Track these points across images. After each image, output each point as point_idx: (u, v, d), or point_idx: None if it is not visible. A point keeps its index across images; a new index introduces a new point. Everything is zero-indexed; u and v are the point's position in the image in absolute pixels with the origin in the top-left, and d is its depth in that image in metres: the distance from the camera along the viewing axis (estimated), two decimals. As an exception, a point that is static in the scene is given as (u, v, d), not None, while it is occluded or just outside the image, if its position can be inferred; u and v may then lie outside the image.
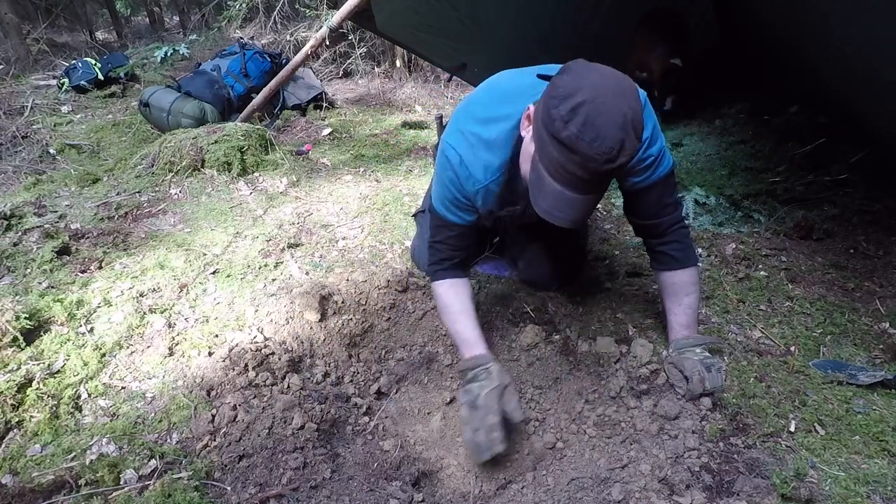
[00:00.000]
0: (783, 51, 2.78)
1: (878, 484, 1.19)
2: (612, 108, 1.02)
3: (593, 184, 1.11)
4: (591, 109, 1.01)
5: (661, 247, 1.50)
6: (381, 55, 5.76)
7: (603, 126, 1.01)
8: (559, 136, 1.03)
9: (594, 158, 1.03)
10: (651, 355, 1.59)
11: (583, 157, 1.03)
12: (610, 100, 1.02)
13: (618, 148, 1.03)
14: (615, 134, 1.02)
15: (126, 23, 9.44)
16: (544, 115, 1.07)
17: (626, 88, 1.06)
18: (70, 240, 2.17)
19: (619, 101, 1.03)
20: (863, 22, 1.75)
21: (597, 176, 1.08)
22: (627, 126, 1.03)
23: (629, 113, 1.03)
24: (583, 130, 1.01)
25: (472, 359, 1.41)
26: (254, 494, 1.22)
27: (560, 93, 1.04)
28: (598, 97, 1.02)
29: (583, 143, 1.02)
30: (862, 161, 2.53)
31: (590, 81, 1.04)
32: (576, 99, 1.02)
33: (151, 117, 3.76)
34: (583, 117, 1.01)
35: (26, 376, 1.46)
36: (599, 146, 1.02)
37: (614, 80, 1.06)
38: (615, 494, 1.24)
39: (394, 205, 2.64)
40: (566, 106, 1.03)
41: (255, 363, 1.55)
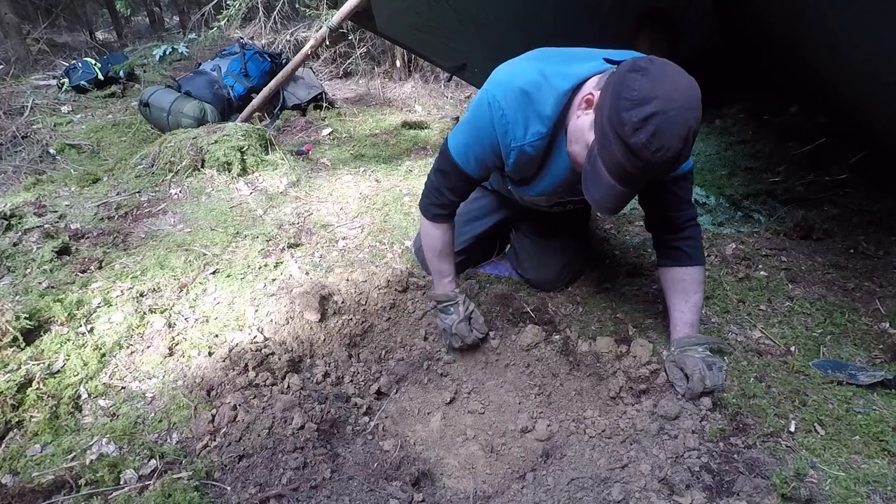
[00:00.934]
0: (783, 50, 2.78)
1: (878, 484, 1.19)
2: (681, 121, 1.06)
3: (644, 181, 1.18)
4: (663, 121, 1.05)
5: (677, 242, 1.51)
6: (381, 55, 5.76)
7: (670, 139, 1.06)
8: (627, 140, 1.08)
9: (656, 165, 1.10)
10: (651, 355, 1.59)
11: (645, 163, 1.09)
12: (681, 113, 1.06)
13: (677, 157, 1.09)
14: (678, 145, 1.07)
15: (126, 23, 9.43)
16: (613, 115, 1.09)
17: (694, 98, 1.08)
18: (70, 240, 2.17)
19: (687, 114, 1.06)
20: (863, 22, 1.75)
21: (652, 177, 1.16)
22: (689, 138, 1.08)
23: (694, 125, 1.08)
24: (651, 140, 1.06)
25: (444, 294, 1.69)
26: (254, 494, 1.22)
27: (635, 97, 1.06)
28: (670, 110, 1.05)
29: (648, 152, 1.07)
30: (862, 161, 2.53)
31: (665, 90, 1.06)
32: (649, 108, 1.05)
33: (151, 117, 3.76)
34: (653, 127, 1.05)
35: (26, 376, 1.46)
36: (663, 156, 1.08)
37: (686, 90, 1.08)
38: (615, 494, 1.24)
39: (394, 205, 2.64)
40: (639, 113, 1.05)
41: (255, 363, 1.55)
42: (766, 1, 2.49)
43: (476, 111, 1.39)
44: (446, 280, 1.69)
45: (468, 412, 1.59)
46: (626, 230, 2.34)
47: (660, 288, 1.89)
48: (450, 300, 1.67)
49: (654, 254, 2.10)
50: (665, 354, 1.57)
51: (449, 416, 1.59)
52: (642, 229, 2.34)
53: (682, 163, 1.13)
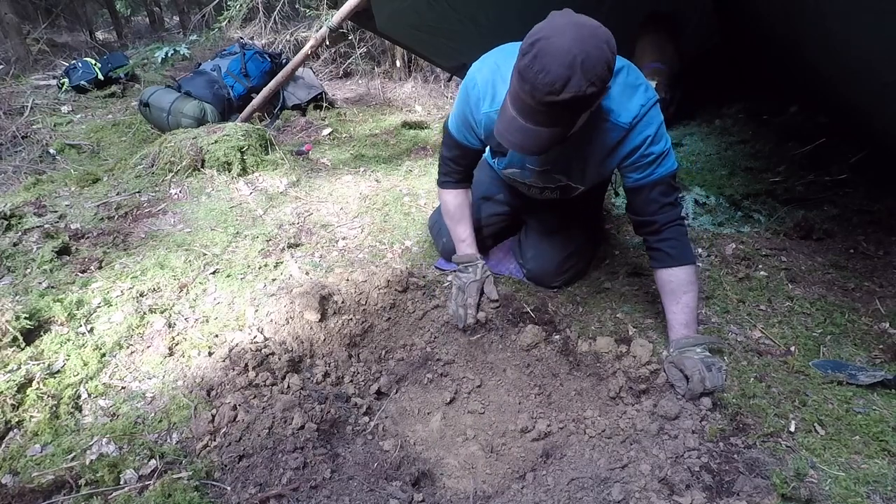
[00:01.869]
0: (783, 50, 2.78)
1: (878, 484, 1.19)
2: (563, 48, 1.12)
3: (541, 114, 1.21)
4: (544, 45, 1.13)
5: (658, 244, 1.53)
6: (381, 55, 5.76)
7: (549, 62, 1.12)
8: (518, 65, 1.18)
9: (538, 88, 1.14)
10: (651, 355, 1.59)
11: (530, 86, 1.15)
12: (564, 41, 1.12)
13: (562, 83, 1.12)
14: (560, 71, 1.12)
15: (126, 23, 9.43)
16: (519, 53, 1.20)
17: (587, 36, 1.13)
18: (70, 240, 2.17)
19: (573, 44, 1.12)
20: (863, 21, 1.75)
21: (542, 105, 1.18)
22: (575, 66, 1.11)
23: (580, 55, 1.11)
24: (532, 62, 1.14)
25: (465, 255, 1.84)
26: (254, 494, 1.22)
27: (533, 31, 1.17)
28: (553, 37, 1.13)
29: (530, 73, 1.14)
30: (862, 161, 2.53)
31: (554, 24, 1.15)
32: (536, 36, 1.15)
33: (151, 117, 3.76)
34: (535, 51, 1.14)
35: (26, 376, 1.46)
36: (544, 78, 1.13)
37: (577, 28, 1.14)
38: (615, 494, 1.24)
39: (394, 205, 2.64)
40: (528, 41, 1.16)
41: (255, 363, 1.55)
42: (766, 1, 2.49)
43: (462, 85, 1.56)
44: (464, 244, 1.84)
45: (468, 412, 1.59)
46: (626, 230, 2.34)
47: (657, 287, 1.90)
48: (470, 261, 1.82)
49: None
50: (664, 355, 1.57)
51: (449, 416, 1.59)
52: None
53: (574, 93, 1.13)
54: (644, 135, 1.40)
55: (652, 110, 1.40)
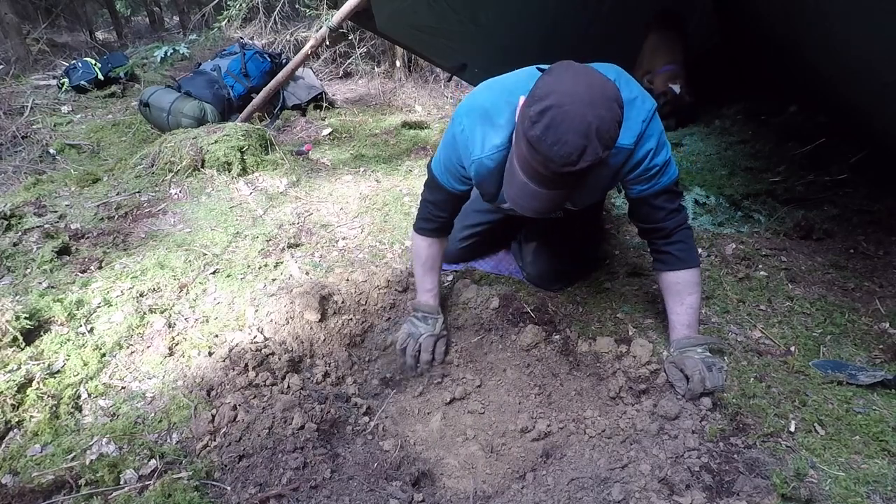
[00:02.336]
0: (783, 50, 2.78)
1: (878, 484, 1.19)
2: (577, 116, 1.06)
3: (556, 182, 1.16)
4: (557, 114, 1.07)
5: (667, 247, 1.51)
6: (381, 55, 5.76)
7: (565, 132, 1.06)
8: (527, 134, 1.10)
9: (553, 160, 1.09)
10: (651, 355, 1.59)
11: (544, 157, 1.09)
12: (577, 108, 1.06)
13: (578, 153, 1.07)
14: (576, 140, 1.06)
15: (126, 23, 9.44)
16: (521, 112, 1.15)
17: (598, 98, 1.08)
18: (70, 240, 2.17)
19: (586, 110, 1.06)
20: (863, 21, 1.75)
21: (557, 176, 1.13)
22: (591, 134, 1.07)
23: (594, 122, 1.06)
24: (545, 133, 1.07)
25: (427, 306, 1.73)
26: (254, 494, 1.22)
27: (537, 94, 1.10)
28: (565, 104, 1.06)
29: (544, 145, 1.08)
30: (862, 161, 2.53)
31: (564, 86, 1.09)
32: (546, 102, 1.08)
33: (151, 117, 3.76)
34: (548, 120, 1.07)
35: (26, 376, 1.46)
36: (559, 150, 1.07)
37: (588, 88, 1.09)
38: (615, 494, 1.24)
39: (394, 205, 2.64)
40: (537, 108, 1.09)
41: (255, 363, 1.55)
42: (766, 1, 2.49)
43: (448, 129, 1.49)
44: (429, 294, 1.74)
45: (468, 412, 1.59)
46: (627, 230, 2.34)
47: (659, 288, 1.89)
48: (430, 312, 1.72)
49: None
50: (664, 355, 1.57)
51: (449, 416, 1.59)
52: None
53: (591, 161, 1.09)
54: (646, 149, 1.37)
55: (652, 122, 1.37)
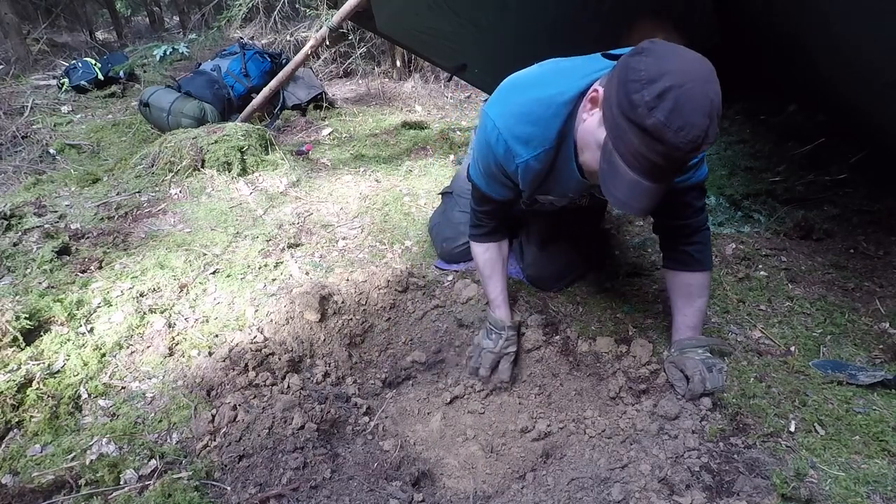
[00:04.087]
0: (783, 50, 2.78)
1: (878, 484, 1.19)
2: (700, 94, 0.96)
3: (672, 171, 1.08)
4: (680, 95, 0.95)
5: (686, 247, 1.48)
6: (381, 55, 5.76)
7: (690, 113, 0.96)
8: (643, 123, 0.98)
9: (679, 147, 0.98)
10: (651, 355, 1.59)
11: (668, 146, 0.98)
12: (698, 85, 0.96)
13: (703, 136, 0.98)
14: (702, 121, 0.96)
15: (126, 23, 9.43)
16: (622, 101, 1.00)
17: (710, 71, 0.99)
18: (70, 240, 2.17)
19: (706, 86, 0.97)
20: (864, 21, 1.75)
21: (678, 164, 1.05)
22: (713, 112, 0.98)
23: (715, 99, 0.97)
24: (670, 118, 0.96)
25: (492, 318, 1.64)
26: (254, 494, 1.22)
27: (643, 76, 0.97)
28: (686, 82, 0.95)
29: (669, 132, 0.97)
30: (862, 161, 2.52)
31: (675, 65, 0.97)
32: (662, 84, 0.95)
33: (151, 117, 3.76)
34: (671, 103, 0.95)
35: (26, 376, 1.46)
36: (686, 135, 0.96)
37: (699, 63, 0.99)
38: (615, 494, 1.24)
39: (394, 205, 2.64)
40: (651, 91, 0.96)
41: (255, 363, 1.55)
42: (766, 1, 2.49)
43: (479, 136, 1.38)
44: (494, 304, 1.64)
45: (468, 412, 1.59)
46: (626, 230, 2.34)
47: (660, 288, 1.89)
48: (496, 326, 1.62)
49: (654, 254, 2.11)
50: (665, 355, 1.57)
51: (449, 416, 1.59)
52: (642, 229, 2.34)
53: (711, 143, 0.99)
54: None
55: None
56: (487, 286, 1.65)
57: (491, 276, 1.62)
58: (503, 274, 1.64)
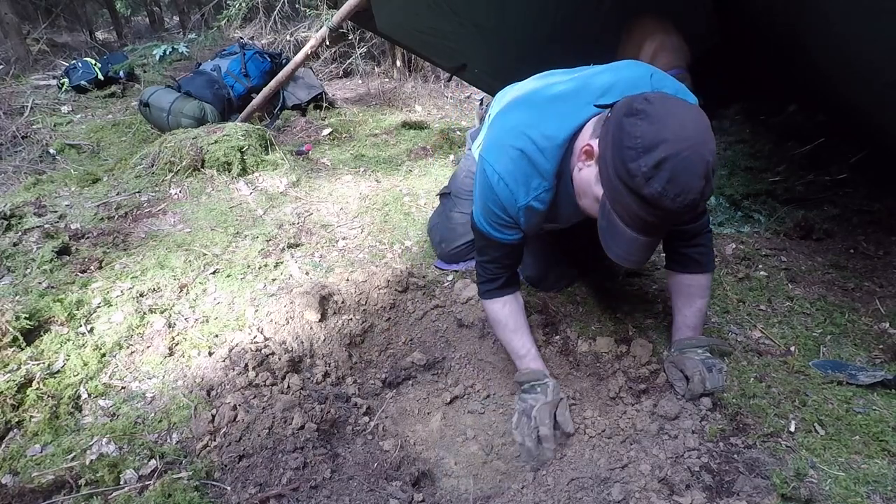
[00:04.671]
0: (783, 50, 2.78)
1: (878, 484, 1.19)
2: (696, 159, 0.97)
3: (670, 225, 1.12)
4: (677, 164, 0.96)
5: (687, 249, 1.48)
6: (381, 55, 5.76)
7: (688, 181, 0.98)
8: (640, 192, 1.00)
9: (676, 213, 1.01)
10: (651, 355, 1.59)
11: (666, 211, 1.01)
12: (694, 149, 0.97)
13: (699, 197, 1.00)
14: (698, 185, 0.99)
15: (126, 23, 9.43)
16: (619, 167, 1.02)
17: (705, 129, 1.01)
18: (70, 240, 2.17)
19: (702, 149, 0.98)
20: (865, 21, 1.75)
21: (675, 223, 1.09)
22: (709, 173, 1.00)
23: (711, 158, 0.99)
24: (667, 188, 0.98)
25: (529, 372, 1.47)
26: (254, 494, 1.22)
27: (639, 144, 0.98)
28: (682, 150, 0.96)
29: (666, 200, 0.99)
30: (862, 161, 2.53)
31: (672, 130, 0.98)
32: (658, 153, 0.97)
33: (151, 117, 3.76)
34: (668, 174, 0.97)
35: (26, 376, 1.46)
36: (683, 200, 0.99)
37: (694, 123, 1.00)
38: (615, 494, 1.24)
39: (394, 205, 2.64)
40: (647, 161, 0.98)
41: (255, 363, 1.55)
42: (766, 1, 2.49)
43: (479, 181, 1.37)
44: (527, 358, 1.49)
45: (468, 412, 1.59)
46: (626, 230, 2.34)
47: (660, 288, 1.90)
48: (537, 379, 1.46)
49: (654, 254, 2.11)
50: (665, 355, 1.57)
51: (449, 416, 1.59)
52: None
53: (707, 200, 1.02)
54: None
55: None
56: (513, 341, 1.51)
57: (516, 329, 1.50)
58: (527, 324, 1.54)
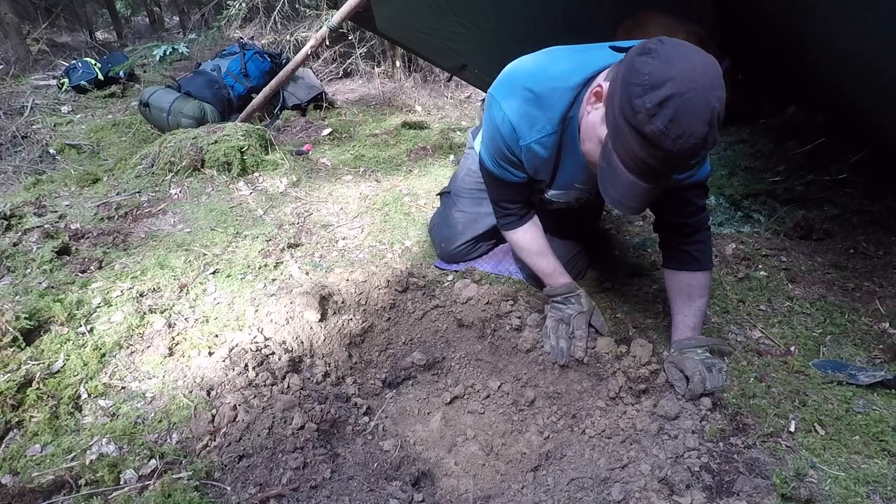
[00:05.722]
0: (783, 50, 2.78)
1: (878, 484, 1.19)
2: (701, 102, 0.95)
3: (669, 174, 1.09)
4: (681, 104, 0.95)
5: (686, 246, 1.47)
6: (381, 55, 5.75)
7: (690, 123, 0.96)
8: (642, 129, 0.98)
9: (677, 154, 0.99)
10: (651, 355, 1.59)
11: (666, 152, 0.99)
12: (700, 93, 0.95)
13: (701, 143, 0.98)
14: (701, 129, 0.97)
15: (126, 23, 9.43)
16: (624, 104, 1.00)
17: (715, 76, 0.98)
18: (70, 240, 2.17)
19: (709, 94, 0.96)
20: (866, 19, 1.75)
21: (676, 168, 1.07)
22: (714, 120, 0.97)
23: (717, 106, 0.97)
24: (669, 127, 0.96)
25: (560, 286, 1.58)
26: (254, 494, 1.22)
27: (646, 81, 0.97)
28: (688, 91, 0.94)
29: (667, 140, 0.97)
30: (862, 161, 2.53)
31: (680, 70, 0.96)
32: (664, 91, 0.95)
33: (151, 117, 3.76)
34: (671, 112, 0.95)
35: (26, 376, 1.46)
36: (685, 143, 0.97)
37: (704, 67, 0.97)
38: (615, 494, 1.24)
39: (394, 205, 2.64)
40: (652, 98, 0.96)
41: (255, 363, 1.55)
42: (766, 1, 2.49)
43: (486, 119, 1.37)
44: (555, 275, 1.58)
45: (468, 412, 1.59)
46: (626, 230, 2.34)
47: (660, 288, 1.89)
48: (570, 291, 1.57)
49: (654, 254, 2.11)
50: (664, 355, 1.57)
51: (449, 416, 1.59)
52: (642, 229, 2.34)
53: (710, 149, 1.01)
54: None
55: None
56: (539, 262, 1.59)
57: (540, 252, 1.58)
58: (548, 245, 1.60)
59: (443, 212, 2.17)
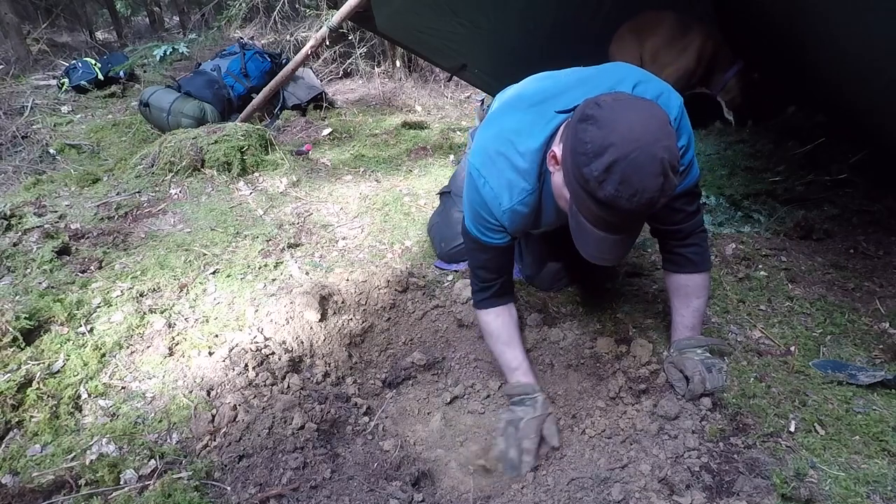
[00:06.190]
0: (783, 50, 2.78)
1: (878, 484, 1.19)
2: (648, 159, 0.97)
3: (637, 223, 1.13)
4: (626, 166, 0.96)
5: (681, 249, 1.47)
6: (381, 55, 5.76)
7: (641, 180, 0.97)
8: (596, 195, 1.01)
9: (635, 211, 1.01)
10: (651, 355, 1.59)
11: (624, 211, 1.01)
12: (644, 150, 0.96)
13: (658, 193, 1.00)
14: (654, 183, 0.98)
15: (126, 23, 9.43)
16: (575, 172, 1.03)
17: (658, 127, 1.00)
18: (70, 240, 2.17)
19: (653, 148, 0.97)
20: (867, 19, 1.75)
21: (641, 219, 1.10)
22: (666, 170, 0.99)
23: (665, 157, 0.98)
24: (620, 189, 0.98)
25: (519, 385, 1.48)
26: (254, 494, 1.22)
27: (589, 150, 0.99)
28: (631, 151, 0.96)
29: (622, 201, 0.99)
30: (862, 161, 2.53)
31: (619, 134, 0.97)
32: (607, 157, 0.97)
33: (151, 117, 3.76)
34: (618, 176, 0.97)
35: (26, 376, 1.46)
36: (640, 199, 0.99)
37: (643, 123, 0.99)
38: (615, 494, 1.24)
39: (394, 205, 2.64)
40: (598, 166, 0.98)
41: (255, 363, 1.55)
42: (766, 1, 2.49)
43: (467, 184, 1.39)
44: (518, 371, 1.49)
45: (468, 412, 1.59)
46: (626, 230, 2.34)
47: (660, 288, 1.90)
48: (527, 393, 1.46)
49: (654, 254, 2.11)
50: (664, 355, 1.57)
51: (449, 416, 1.59)
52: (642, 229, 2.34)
53: (669, 196, 1.03)
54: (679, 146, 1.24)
55: (682, 119, 1.28)
56: (505, 354, 1.50)
57: (509, 342, 1.50)
58: (520, 337, 1.53)
59: (443, 211, 2.17)
